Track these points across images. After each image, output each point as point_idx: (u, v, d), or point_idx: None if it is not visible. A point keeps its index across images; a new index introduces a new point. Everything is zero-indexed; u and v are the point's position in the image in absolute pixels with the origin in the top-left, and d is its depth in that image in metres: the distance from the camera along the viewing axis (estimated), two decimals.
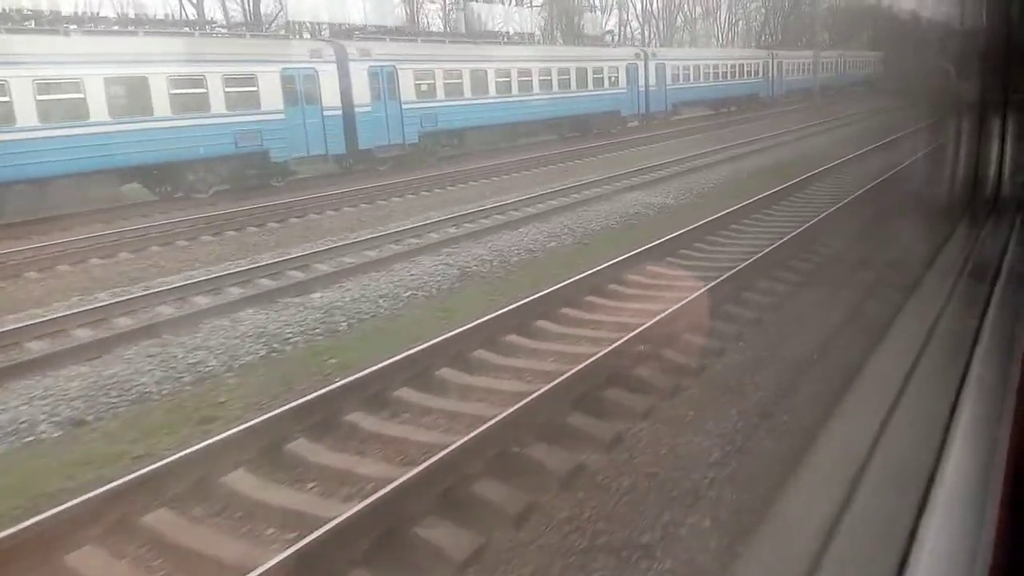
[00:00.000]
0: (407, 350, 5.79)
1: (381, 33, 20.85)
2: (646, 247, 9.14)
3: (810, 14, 61.56)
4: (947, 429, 1.15)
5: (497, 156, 22.47)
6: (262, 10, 37.93)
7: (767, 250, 8.60)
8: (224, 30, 18.27)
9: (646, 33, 65.03)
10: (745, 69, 37.38)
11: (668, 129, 30.18)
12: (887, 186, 11.74)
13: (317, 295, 8.53)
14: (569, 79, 26.85)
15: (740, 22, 73.33)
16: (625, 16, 64.17)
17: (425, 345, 5.90)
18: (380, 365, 5.49)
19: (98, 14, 18.17)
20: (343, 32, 20.38)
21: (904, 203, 8.40)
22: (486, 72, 23.12)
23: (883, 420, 1.24)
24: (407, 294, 8.50)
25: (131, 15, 16.88)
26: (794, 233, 9.55)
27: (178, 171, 15.94)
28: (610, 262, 8.36)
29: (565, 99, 26.52)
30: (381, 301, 8.24)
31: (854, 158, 17.28)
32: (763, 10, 68.21)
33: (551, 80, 25.95)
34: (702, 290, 7.01)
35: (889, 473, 1.10)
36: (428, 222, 12.66)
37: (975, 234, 2.82)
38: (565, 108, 26.61)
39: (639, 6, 64.24)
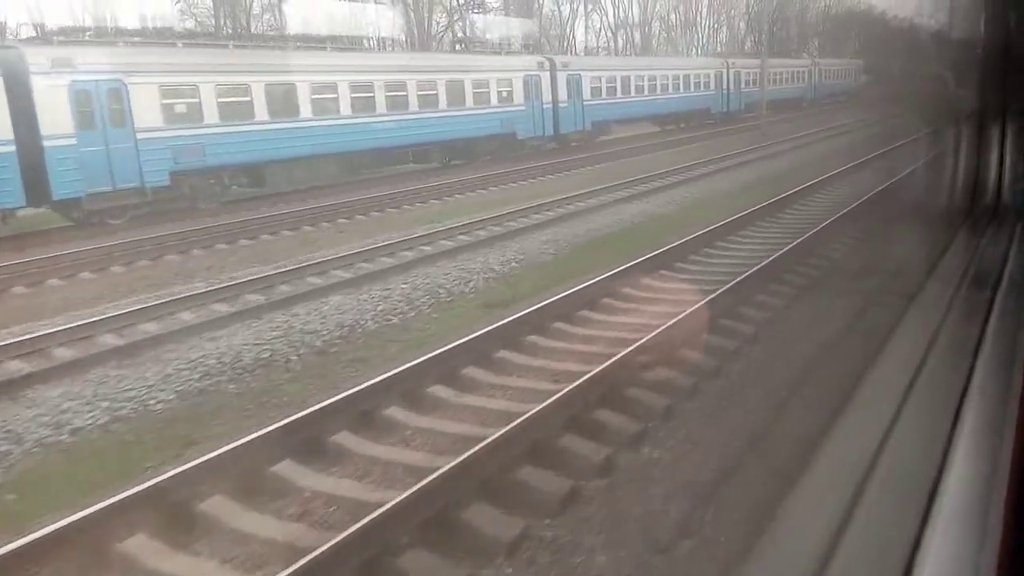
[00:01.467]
0: None
1: (114, 37, 15.20)
2: None
3: (798, 21, 56.17)
4: (950, 438, 1.14)
5: (318, 197, 16.83)
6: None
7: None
8: None
9: (619, 41, 59.53)
10: (692, 80, 31.36)
11: (585, 154, 24.33)
12: (877, 204, 10.95)
13: None
14: (436, 95, 21.08)
15: (723, 29, 67.84)
16: (597, 24, 58.70)
17: None
18: None
19: None
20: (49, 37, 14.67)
21: (902, 216, 8.05)
22: (295, 86, 17.42)
23: (886, 429, 1.22)
24: None
25: None
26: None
27: None
28: None
29: (431, 120, 20.74)
30: None
31: (840, 174, 15.23)
32: (746, 16, 62.64)
33: (407, 96, 20.20)
34: None
35: (892, 482, 1.09)
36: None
37: (975, 243, 2.80)
38: (431, 131, 20.83)
39: (611, 13, 58.80)
